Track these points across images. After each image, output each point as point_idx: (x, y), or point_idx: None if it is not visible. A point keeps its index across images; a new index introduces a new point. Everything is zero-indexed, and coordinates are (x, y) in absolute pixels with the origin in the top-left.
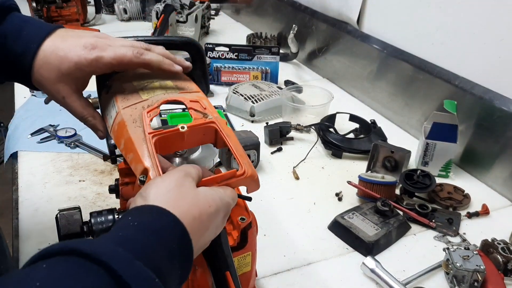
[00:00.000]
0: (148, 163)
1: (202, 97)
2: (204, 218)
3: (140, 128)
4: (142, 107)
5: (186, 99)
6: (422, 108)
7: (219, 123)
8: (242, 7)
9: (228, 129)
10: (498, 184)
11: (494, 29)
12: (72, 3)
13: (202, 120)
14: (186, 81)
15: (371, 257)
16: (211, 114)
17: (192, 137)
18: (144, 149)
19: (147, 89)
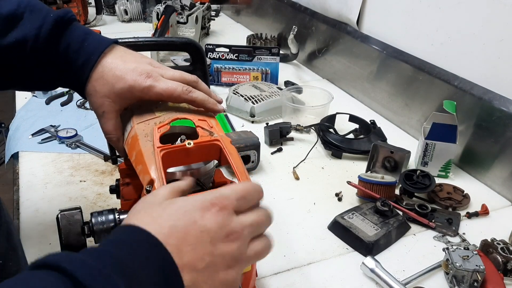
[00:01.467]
0: (154, 175)
1: (211, 117)
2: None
3: (150, 142)
4: (154, 123)
5: (195, 117)
6: (422, 109)
7: (223, 142)
8: (242, 8)
9: (231, 147)
10: (497, 184)
11: (493, 29)
12: (73, 4)
13: (207, 138)
14: None
15: (371, 257)
16: (217, 133)
17: (198, 153)
18: (152, 162)
19: (161, 107)
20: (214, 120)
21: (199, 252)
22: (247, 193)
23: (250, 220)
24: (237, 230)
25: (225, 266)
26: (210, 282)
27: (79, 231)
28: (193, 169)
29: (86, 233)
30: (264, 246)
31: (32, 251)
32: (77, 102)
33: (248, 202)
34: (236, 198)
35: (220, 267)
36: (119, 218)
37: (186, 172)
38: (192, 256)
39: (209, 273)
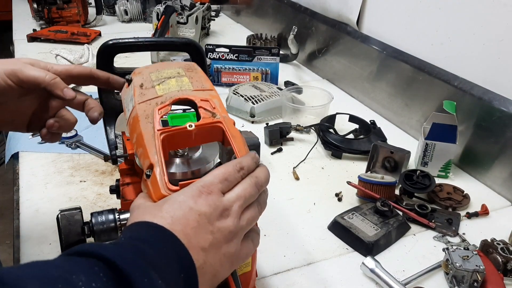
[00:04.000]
0: (154, 159)
1: (214, 96)
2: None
3: (151, 124)
4: (156, 103)
5: (198, 97)
6: (422, 109)
7: (226, 123)
8: (242, 8)
9: (234, 129)
10: (497, 185)
11: (493, 29)
12: (73, 4)
13: (209, 120)
14: (202, 78)
15: (370, 257)
16: (220, 114)
17: (200, 135)
18: (152, 145)
19: (164, 84)
20: (218, 100)
21: (202, 233)
22: (227, 175)
23: (235, 196)
24: (228, 207)
25: (225, 240)
26: (217, 257)
27: (79, 231)
28: (194, 169)
29: (86, 233)
30: (254, 213)
31: (32, 251)
32: None
33: (231, 181)
34: (219, 181)
35: (222, 242)
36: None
37: (187, 173)
38: (197, 238)
39: (214, 250)
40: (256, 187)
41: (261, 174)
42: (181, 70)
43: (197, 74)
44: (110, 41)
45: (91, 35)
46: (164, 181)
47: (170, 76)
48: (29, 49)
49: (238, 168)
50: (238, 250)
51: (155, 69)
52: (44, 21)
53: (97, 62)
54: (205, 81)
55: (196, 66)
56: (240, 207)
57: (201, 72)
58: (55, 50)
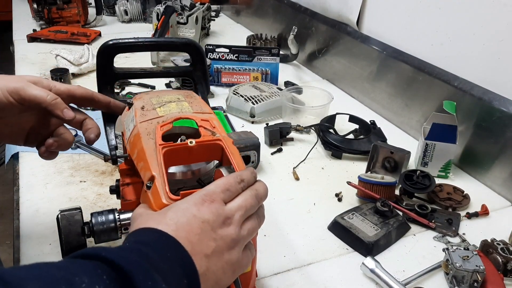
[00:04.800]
0: (156, 171)
1: (213, 118)
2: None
3: (153, 140)
4: (157, 122)
5: (198, 118)
6: (422, 109)
7: (225, 142)
8: (242, 9)
9: (233, 148)
10: (497, 185)
11: (493, 30)
12: (73, 5)
13: (209, 137)
14: (201, 104)
15: (371, 258)
16: (219, 133)
17: (199, 152)
18: (154, 159)
19: (165, 107)
20: (217, 121)
21: (205, 240)
22: (229, 186)
23: (237, 206)
24: (230, 215)
25: (227, 247)
26: (219, 264)
27: (79, 231)
28: (194, 169)
29: (86, 233)
30: (254, 224)
31: (32, 251)
32: None
33: (232, 192)
34: (221, 191)
35: (224, 249)
36: (119, 218)
37: (187, 173)
38: (200, 245)
39: (217, 257)
40: (256, 199)
41: (261, 188)
42: (181, 96)
43: (196, 100)
44: (110, 41)
45: (91, 35)
46: (166, 190)
47: (171, 101)
48: (29, 49)
49: (239, 180)
50: (239, 259)
51: (156, 95)
52: (44, 21)
53: (97, 62)
54: (204, 106)
55: (195, 94)
56: (242, 216)
57: (200, 99)
58: (55, 50)
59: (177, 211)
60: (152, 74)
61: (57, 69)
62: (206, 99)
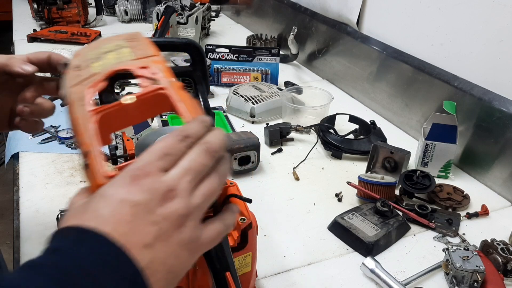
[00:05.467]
0: (90, 145)
1: (158, 61)
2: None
3: (84, 106)
4: (89, 82)
5: (135, 66)
6: (422, 109)
7: (170, 88)
8: (243, 9)
9: (182, 93)
10: (497, 185)
11: (493, 30)
12: (73, 5)
13: (150, 88)
14: (145, 46)
15: (371, 258)
16: (162, 79)
17: (142, 109)
18: (86, 129)
19: (101, 60)
20: (162, 63)
21: (141, 227)
22: (168, 148)
23: (182, 170)
24: (172, 186)
25: (176, 226)
26: (167, 249)
27: None
28: None
29: None
30: (211, 186)
31: (32, 251)
32: None
33: (174, 155)
34: (158, 158)
35: (171, 230)
36: None
37: None
38: (135, 234)
39: (162, 242)
40: (208, 154)
41: (213, 139)
42: (123, 42)
43: (140, 42)
44: None
45: (91, 35)
46: (101, 167)
47: (109, 50)
48: (29, 49)
49: (181, 137)
50: (197, 235)
51: (94, 47)
52: (44, 22)
53: None
54: (148, 48)
55: (140, 35)
56: (190, 182)
57: (145, 39)
58: (55, 51)
59: (99, 200)
60: None
61: None
62: (206, 99)
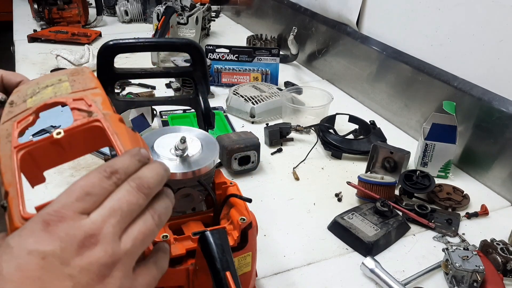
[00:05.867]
0: (10, 184)
1: (97, 93)
2: None
3: (10, 143)
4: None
5: (69, 98)
6: (421, 109)
7: (106, 121)
8: (243, 9)
9: (118, 126)
10: (497, 185)
11: (493, 30)
12: (73, 5)
13: (82, 121)
14: (87, 79)
15: (370, 258)
16: (99, 112)
17: (76, 143)
18: (7, 168)
19: (37, 95)
20: (101, 96)
21: (53, 283)
22: (90, 187)
23: (106, 212)
24: (92, 231)
25: (97, 279)
26: None
27: None
28: (194, 169)
29: None
30: (145, 228)
31: None
32: None
33: (96, 195)
34: (77, 199)
35: (91, 284)
36: None
37: (187, 173)
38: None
39: None
40: (139, 191)
41: (147, 173)
42: (64, 76)
43: (82, 76)
44: (110, 42)
45: (92, 35)
46: (20, 208)
47: (48, 85)
48: (29, 49)
49: (107, 173)
50: (128, 286)
51: (36, 82)
52: (45, 22)
53: (97, 63)
54: (90, 81)
55: (86, 70)
56: (116, 225)
57: (90, 73)
58: (56, 51)
59: (5, 251)
60: (152, 74)
61: (58, 69)
62: (206, 99)
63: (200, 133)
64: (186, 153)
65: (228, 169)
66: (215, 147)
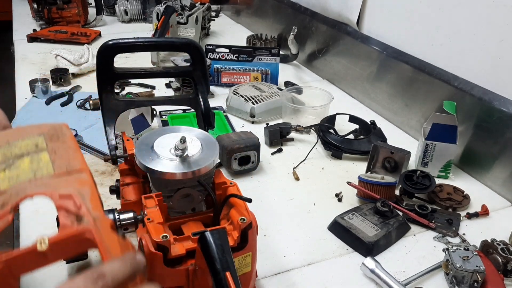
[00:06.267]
0: None
1: (84, 182)
2: None
3: None
4: None
5: (56, 193)
6: (422, 109)
7: (97, 229)
8: (243, 9)
9: (110, 236)
10: (497, 185)
11: (493, 30)
12: (73, 5)
13: (71, 229)
14: (69, 151)
15: (371, 258)
16: (88, 216)
17: (61, 251)
18: None
19: (12, 170)
20: (88, 184)
21: None
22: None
23: None
24: None
25: None
26: None
27: None
28: (194, 169)
29: None
30: None
31: None
32: (77, 103)
33: None
34: None
35: None
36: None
37: (187, 173)
38: None
39: None
40: None
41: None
42: (42, 140)
43: (63, 145)
44: (110, 41)
45: (91, 35)
46: None
47: (23, 153)
48: (29, 49)
49: (94, 277)
50: None
51: (6, 140)
52: (44, 21)
53: (97, 62)
54: (73, 156)
55: (65, 130)
56: None
57: (70, 138)
58: (55, 51)
59: None
60: (152, 74)
61: (57, 69)
62: (206, 99)
63: (200, 133)
64: (186, 153)
65: (228, 169)
66: (215, 147)
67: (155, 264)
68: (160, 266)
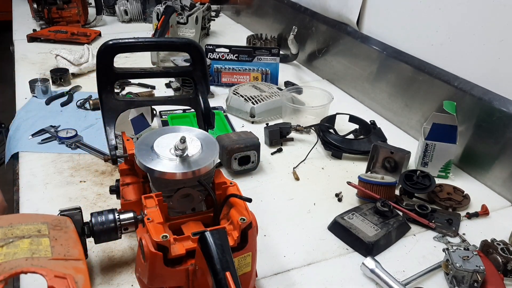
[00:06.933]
0: None
1: (80, 270)
2: None
3: None
4: None
5: (51, 272)
6: (422, 109)
7: None
8: (243, 9)
9: None
10: (497, 185)
11: (493, 30)
12: (73, 5)
13: None
14: (70, 241)
15: (371, 258)
16: None
17: None
18: None
19: (10, 247)
20: (83, 272)
21: None
22: None
23: None
24: None
25: None
26: None
27: (79, 231)
28: (194, 169)
29: (86, 233)
30: None
31: None
32: (77, 103)
33: None
34: None
35: None
36: (119, 218)
37: (187, 173)
38: None
39: None
40: None
41: None
42: (45, 227)
43: (65, 235)
44: (110, 41)
45: (91, 35)
46: None
47: (25, 235)
48: (29, 49)
49: None
50: None
51: (9, 222)
52: (44, 21)
53: (97, 62)
54: (73, 245)
55: (69, 223)
56: None
57: (73, 231)
58: (55, 50)
59: None
60: (152, 74)
61: (57, 69)
62: (206, 99)
63: (200, 133)
64: (186, 153)
65: (228, 169)
66: (215, 147)
67: (155, 264)
68: (160, 266)
